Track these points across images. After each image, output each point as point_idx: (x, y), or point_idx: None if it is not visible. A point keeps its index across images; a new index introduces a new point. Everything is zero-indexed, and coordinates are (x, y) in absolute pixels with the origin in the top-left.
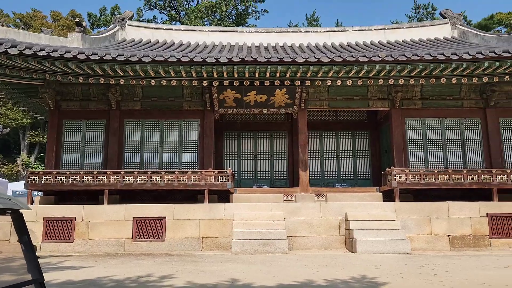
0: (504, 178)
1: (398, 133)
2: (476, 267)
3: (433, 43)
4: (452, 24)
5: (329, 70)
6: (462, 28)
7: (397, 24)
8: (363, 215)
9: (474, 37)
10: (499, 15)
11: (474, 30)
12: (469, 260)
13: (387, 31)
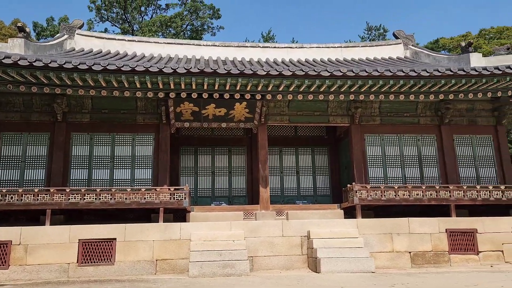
0: (461, 194)
1: (358, 149)
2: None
3: (388, 62)
4: (405, 45)
5: (291, 84)
6: (414, 48)
7: (353, 43)
8: (326, 233)
9: (426, 57)
10: (443, 40)
11: (426, 50)
12: (437, 278)
13: (343, 49)
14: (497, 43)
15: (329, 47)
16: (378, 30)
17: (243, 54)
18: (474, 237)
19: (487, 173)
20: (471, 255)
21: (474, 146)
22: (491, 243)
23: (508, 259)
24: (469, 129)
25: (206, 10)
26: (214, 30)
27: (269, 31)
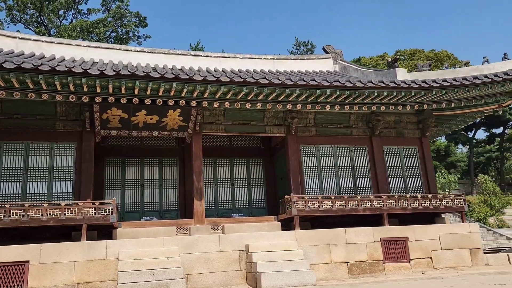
0: (393, 203)
1: (295, 159)
2: None
3: (319, 75)
4: (334, 59)
5: (228, 91)
6: (343, 63)
7: (285, 55)
8: (265, 246)
9: (354, 71)
10: (363, 59)
11: (354, 65)
12: None
13: (276, 61)
14: (411, 64)
15: (262, 58)
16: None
17: (174, 62)
18: (406, 245)
19: (414, 183)
20: (403, 263)
21: (402, 157)
22: (421, 250)
23: (437, 265)
24: (397, 141)
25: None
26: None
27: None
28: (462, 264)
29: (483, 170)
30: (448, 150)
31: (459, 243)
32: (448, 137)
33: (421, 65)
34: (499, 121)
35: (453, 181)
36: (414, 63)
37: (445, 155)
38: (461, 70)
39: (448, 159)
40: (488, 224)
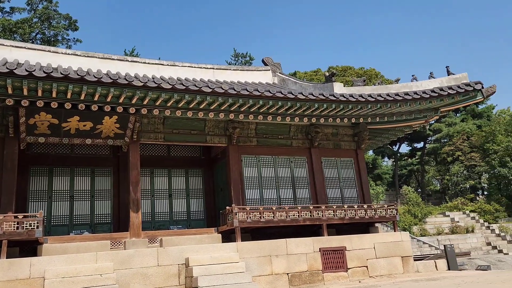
0: (332, 213)
1: (236, 170)
2: None
3: (260, 86)
4: (273, 71)
5: (169, 99)
6: (282, 76)
7: (225, 65)
8: (206, 259)
9: (293, 84)
10: (299, 73)
11: (293, 78)
12: None
13: (215, 71)
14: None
15: (202, 67)
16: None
17: (109, 67)
18: (343, 255)
19: (350, 193)
20: (341, 272)
21: (339, 168)
22: (357, 259)
23: (372, 273)
24: (335, 152)
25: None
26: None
27: (133, 49)
28: (395, 271)
29: (406, 182)
30: (375, 163)
31: (392, 251)
32: (375, 150)
33: (356, 80)
34: (420, 136)
35: (380, 192)
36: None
37: (373, 167)
38: (393, 86)
39: (375, 171)
40: (412, 233)
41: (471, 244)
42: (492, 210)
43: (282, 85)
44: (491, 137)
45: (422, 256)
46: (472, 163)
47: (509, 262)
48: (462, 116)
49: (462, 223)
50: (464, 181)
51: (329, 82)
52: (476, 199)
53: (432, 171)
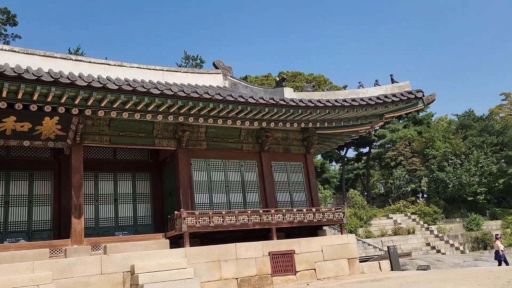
0: (281, 217)
1: (185, 174)
2: None
3: (211, 89)
4: (224, 75)
5: (116, 100)
6: (233, 79)
7: (175, 67)
8: (153, 266)
9: (244, 88)
10: (250, 77)
11: (244, 82)
12: None
13: (165, 73)
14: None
15: (151, 69)
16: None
17: (51, 65)
18: (292, 258)
19: (299, 197)
20: (290, 276)
21: (289, 172)
22: (306, 262)
23: (320, 276)
24: (284, 157)
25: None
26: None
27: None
28: (341, 273)
29: (353, 186)
30: (324, 167)
31: (339, 253)
32: (323, 154)
33: (306, 86)
34: (366, 142)
35: (328, 196)
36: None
37: (321, 171)
38: (341, 92)
39: (324, 175)
40: (358, 235)
41: (412, 244)
42: (431, 212)
43: (233, 89)
44: (430, 143)
45: (367, 258)
46: (413, 168)
47: (447, 262)
48: (405, 123)
49: (404, 225)
50: (406, 185)
51: (280, 87)
52: (416, 202)
53: (376, 175)
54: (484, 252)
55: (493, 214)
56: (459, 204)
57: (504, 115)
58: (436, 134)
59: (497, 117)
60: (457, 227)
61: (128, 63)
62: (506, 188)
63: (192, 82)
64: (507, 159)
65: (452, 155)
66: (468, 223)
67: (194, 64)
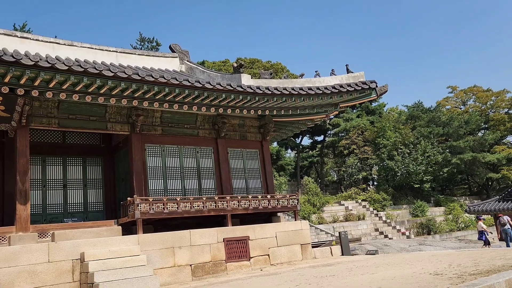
0: (236, 204)
1: (139, 159)
2: None
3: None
4: (181, 59)
5: (65, 81)
6: (190, 64)
7: (130, 49)
8: (104, 253)
9: (201, 73)
10: (207, 63)
11: (201, 67)
12: None
13: (119, 54)
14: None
15: (104, 50)
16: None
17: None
18: (247, 244)
19: (255, 184)
20: (244, 262)
21: (245, 159)
22: (260, 248)
23: (273, 261)
24: (241, 143)
25: None
26: None
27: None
28: (294, 259)
29: (307, 173)
30: (279, 155)
31: (292, 239)
32: (279, 142)
33: (263, 73)
34: (321, 130)
35: (283, 183)
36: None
37: (277, 159)
38: (298, 80)
39: (279, 162)
40: (311, 221)
41: (362, 230)
42: (380, 199)
43: (190, 74)
44: (382, 132)
45: (320, 243)
46: (365, 156)
47: (393, 246)
48: (358, 113)
49: (355, 211)
50: (357, 173)
51: (237, 73)
52: (367, 189)
53: (330, 163)
54: (428, 237)
55: (437, 201)
56: (406, 191)
57: (450, 107)
58: (387, 124)
59: (443, 109)
60: (404, 213)
61: (79, 43)
62: (449, 176)
63: (147, 65)
64: (451, 149)
65: (401, 144)
66: (414, 209)
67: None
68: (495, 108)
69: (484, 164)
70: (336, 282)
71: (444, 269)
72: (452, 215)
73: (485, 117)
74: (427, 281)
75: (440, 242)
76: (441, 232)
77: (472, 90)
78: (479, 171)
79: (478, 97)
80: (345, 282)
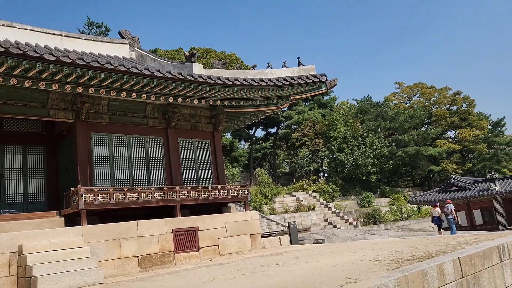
0: (186, 194)
1: (84, 148)
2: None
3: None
4: (131, 46)
5: (1, 64)
6: (140, 51)
7: (76, 33)
8: (45, 246)
9: (152, 61)
10: (160, 51)
11: (152, 55)
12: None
13: (64, 38)
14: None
15: (47, 33)
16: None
17: None
18: (196, 235)
19: (205, 174)
20: (193, 252)
21: (196, 149)
22: (209, 239)
23: (223, 252)
24: (192, 134)
25: None
26: None
27: None
28: (244, 249)
29: (260, 164)
30: (233, 146)
31: (242, 230)
32: (233, 133)
33: (215, 63)
34: (274, 122)
35: (236, 174)
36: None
37: (230, 150)
38: (250, 72)
39: (232, 153)
40: (263, 212)
41: (312, 220)
42: (330, 190)
43: (140, 61)
44: (332, 125)
45: (270, 233)
46: (316, 148)
47: (340, 235)
48: (310, 105)
49: (306, 202)
50: (309, 164)
51: (189, 62)
52: (318, 181)
53: (283, 154)
54: (373, 226)
55: (383, 192)
56: (354, 183)
57: (396, 103)
58: (338, 118)
59: (391, 104)
60: (352, 204)
61: (19, 24)
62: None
63: (94, 50)
64: (397, 143)
65: (351, 137)
66: (362, 200)
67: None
68: (437, 104)
69: (426, 157)
70: (281, 270)
71: (383, 255)
72: (396, 206)
73: (428, 113)
74: (366, 267)
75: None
76: (385, 222)
77: (417, 87)
78: (422, 164)
79: (423, 93)
80: (290, 270)
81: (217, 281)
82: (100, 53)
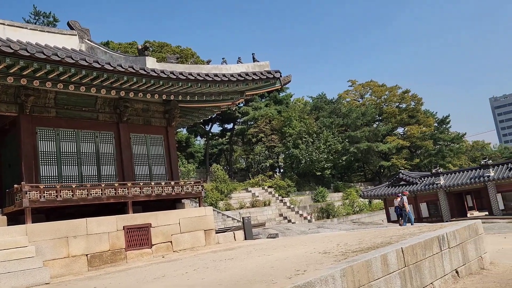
0: (138, 190)
1: (28, 143)
2: (137, 283)
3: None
4: (80, 37)
5: None
6: (90, 43)
7: (20, 23)
8: None
9: (103, 53)
10: (112, 43)
11: (103, 47)
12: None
13: (7, 28)
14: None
15: None
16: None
17: None
18: (148, 232)
19: (159, 170)
20: (145, 249)
21: (149, 145)
22: (162, 235)
23: (176, 248)
24: (145, 129)
25: None
26: None
27: None
28: (198, 244)
29: (217, 160)
30: (189, 142)
31: (196, 225)
32: (189, 129)
33: (169, 57)
34: (230, 118)
35: (191, 170)
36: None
37: (186, 146)
38: (205, 67)
39: (188, 149)
40: (218, 208)
41: (267, 215)
42: (285, 185)
43: (91, 53)
44: (288, 121)
45: (225, 229)
46: (272, 144)
47: (294, 230)
48: (266, 102)
49: (261, 198)
50: (265, 160)
51: (142, 56)
52: (273, 176)
53: (239, 150)
54: (327, 220)
55: (336, 187)
56: (309, 178)
57: (350, 100)
58: (293, 114)
59: (344, 101)
60: (307, 199)
61: None
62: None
63: (41, 41)
64: (350, 139)
65: (306, 134)
66: (316, 195)
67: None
68: (388, 102)
69: (377, 153)
70: (233, 265)
71: (332, 248)
72: (349, 200)
73: (379, 110)
74: (316, 259)
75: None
76: (339, 216)
77: (369, 85)
78: (373, 159)
79: (374, 91)
80: (241, 264)
81: (168, 277)
82: (47, 44)
